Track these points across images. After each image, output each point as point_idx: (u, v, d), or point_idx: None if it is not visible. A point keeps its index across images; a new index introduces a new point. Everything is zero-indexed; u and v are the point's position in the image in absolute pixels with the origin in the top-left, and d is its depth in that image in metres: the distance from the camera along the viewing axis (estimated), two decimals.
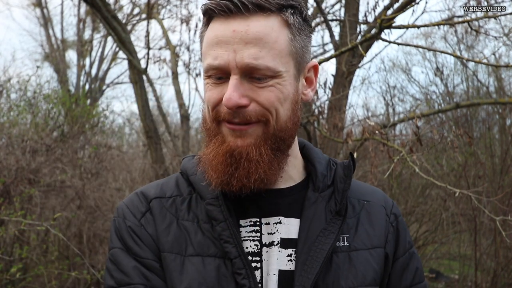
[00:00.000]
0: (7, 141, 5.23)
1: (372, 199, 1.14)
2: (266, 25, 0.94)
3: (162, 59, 8.12)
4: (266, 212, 1.03)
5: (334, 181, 1.09)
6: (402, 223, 1.15)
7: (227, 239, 0.97)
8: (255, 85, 0.95)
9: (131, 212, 1.06)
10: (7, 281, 4.34)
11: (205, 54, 0.98)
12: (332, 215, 1.04)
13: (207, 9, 0.97)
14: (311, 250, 1.00)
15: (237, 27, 0.93)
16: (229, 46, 0.93)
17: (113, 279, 1.01)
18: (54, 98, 6.53)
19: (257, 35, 0.93)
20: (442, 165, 6.87)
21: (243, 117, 0.95)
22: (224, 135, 0.98)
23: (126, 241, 1.04)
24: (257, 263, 1.01)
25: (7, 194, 4.69)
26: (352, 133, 4.00)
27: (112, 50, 14.21)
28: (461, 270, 7.20)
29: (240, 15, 0.93)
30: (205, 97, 1.00)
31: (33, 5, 14.36)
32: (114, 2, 8.76)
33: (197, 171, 1.06)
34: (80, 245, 5.62)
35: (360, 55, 4.73)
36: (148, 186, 1.12)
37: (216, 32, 0.95)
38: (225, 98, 0.93)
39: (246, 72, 0.94)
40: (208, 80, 0.99)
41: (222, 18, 0.95)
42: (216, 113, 0.98)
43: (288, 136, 1.01)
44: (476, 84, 8.06)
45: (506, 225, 4.98)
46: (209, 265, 0.98)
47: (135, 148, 10.68)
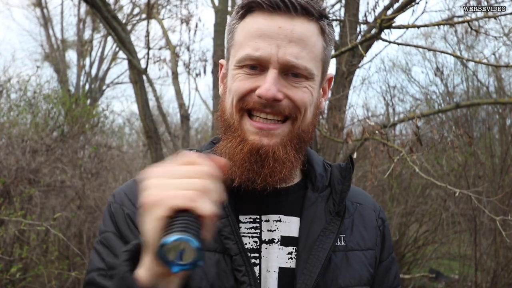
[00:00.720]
0: (7, 141, 5.23)
1: (364, 202, 1.17)
2: (309, 29, 0.98)
3: (162, 59, 8.12)
4: (266, 209, 1.04)
5: (330, 182, 1.10)
6: (388, 228, 1.19)
7: (228, 236, 0.98)
8: (290, 83, 0.97)
9: (129, 199, 1.05)
10: (7, 281, 4.34)
11: (243, 44, 0.98)
12: (332, 215, 1.06)
13: (252, 2, 0.98)
14: (312, 249, 1.01)
15: (283, 24, 0.96)
16: (273, 41, 0.95)
17: (104, 262, 1.00)
18: (54, 98, 6.53)
19: (301, 36, 0.96)
20: (442, 165, 6.87)
21: (276, 110, 0.97)
22: (245, 131, 0.98)
23: (121, 227, 1.02)
24: (255, 260, 1.02)
25: (7, 194, 4.69)
26: (352, 133, 4.01)
27: (112, 50, 14.23)
28: (461, 270, 7.20)
29: (287, 14, 0.96)
30: (234, 87, 1.00)
31: (33, 5, 14.36)
32: (114, 2, 8.76)
33: None
34: (80, 245, 5.62)
35: (360, 55, 4.73)
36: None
37: (260, 25, 0.97)
38: (264, 88, 0.94)
39: (284, 69, 0.96)
40: (240, 71, 0.99)
41: (267, 13, 0.97)
42: (242, 103, 0.98)
43: (308, 139, 1.04)
44: (476, 84, 8.07)
45: (506, 225, 4.97)
46: (209, 260, 0.98)
47: (135, 148, 10.69)
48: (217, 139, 1.15)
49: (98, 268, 1.01)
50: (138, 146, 10.51)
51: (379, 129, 3.86)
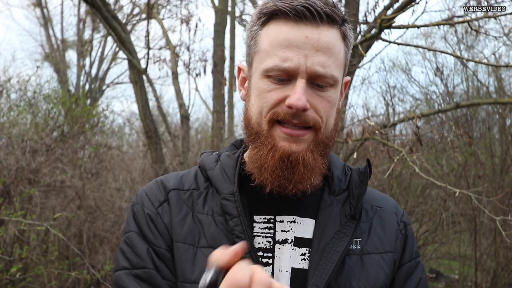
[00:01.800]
0: (7, 141, 5.23)
1: (385, 206, 1.17)
2: (334, 36, 1.00)
3: (162, 59, 8.12)
4: (281, 210, 1.06)
5: (349, 186, 1.11)
6: (411, 232, 1.18)
7: (239, 235, 1.00)
8: (316, 92, 0.99)
9: (150, 200, 1.09)
10: (7, 281, 4.34)
11: (270, 53, 0.99)
12: (347, 218, 1.07)
13: (277, 10, 0.98)
14: (325, 251, 1.02)
15: (309, 34, 0.97)
16: (301, 51, 0.96)
17: (128, 261, 1.04)
18: (54, 98, 6.52)
19: (327, 44, 0.98)
20: (442, 165, 6.87)
21: (303, 120, 0.98)
22: (275, 138, 1.00)
23: (142, 227, 1.06)
24: (269, 259, 1.03)
25: (7, 194, 4.69)
26: (352, 133, 4.01)
27: (112, 50, 14.23)
28: (461, 270, 7.20)
29: (312, 23, 0.97)
30: (261, 96, 1.01)
31: (33, 5, 14.37)
32: (114, 2, 8.76)
33: (215, 167, 1.10)
34: (80, 245, 5.62)
35: (360, 55, 4.73)
36: (168, 176, 1.15)
37: (287, 35, 0.97)
38: (295, 99, 0.96)
39: (312, 78, 0.98)
40: (267, 80, 1.00)
41: (293, 22, 0.97)
42: (273, 114, 0.99)
43: (332, 144, 1.06)
44: (476, 84, 8.06)
45: (506, 225, 4.97)
46: None
47: (135, 148, 10.68)
48: (238, 143, 1.19)
49: (124, 267, 1.05)
50: (138, 146, 10.50)
51: (379, 129, 3.86)
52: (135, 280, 1.01)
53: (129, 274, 1.02)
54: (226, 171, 1.08)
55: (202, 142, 10.64)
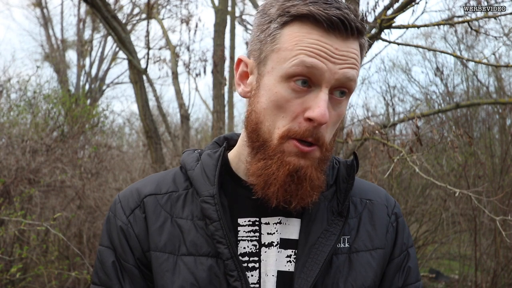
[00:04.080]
0: (7, 141, 5.23)
1: (375, 198, 1.11)
2: (357, 49, 0.95)
3: (162, 59, 8.13)
4: (266, 211, 1.01)
5: (336, 180, 1.07)
6: (402, 224, 1.12)
7: (220, 240, 0.95)
8: (332, 103, 0.94)
9: (122, 208, 1.04)
10: (7, 281, 4.34)
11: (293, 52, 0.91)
12: (334, 216, 1.02)
13: (309, 15, 0.90)
14: (311, 252, 0.98)
15: (339, 46, 0.91)
16: (329, 58, 0.91)
17: (98, 277, 1.03)
18: (54, 98, 6.53)
19: (354, 57, 0.93)
20: (442, 165, 6.87)
21: (316, 137, 0.92)
22: (286, 152, 0.93)
23: (113, 240, 1.03)
24: (255, 263, 0.99)
25: (7, 194, 4.69)
26: (352, 133, 4.00)
27: (112, 50, 14.24)
28: (461, 270, 7.20)
29: (343, 35, 0.92)
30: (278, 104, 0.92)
31: (33, 5, 14.37)
32: (114, 2, 8.76)
33: (196, 166, 1.04)
34: (80, 245, 5.62)
35: None
36: (145, 180, 1.09)
37: (318, 42, 0.90)
38: (319, 112, 0.89)
39: (335, 86, 0.92)
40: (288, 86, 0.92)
41: (323, 29, 0.91)
42: (288, 131, 0.92)
43: (330, 156, 1.00)
44: (476, 84, 8.06)
45: (506, 225, 4.98)
46: (202, 265, 0.96)
47: (135, 148, 10.68)
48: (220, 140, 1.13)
49: (94, 282, 1.04)
50: (138, 146, 10.50)
51: (379, 129, 3.86)
52: None
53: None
54: (206, 172, 1.01)
55: (202, 142, 10.64)
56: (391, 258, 1.08)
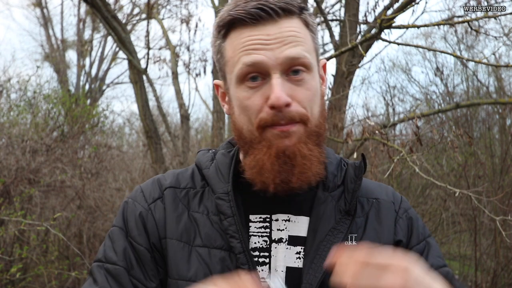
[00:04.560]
0: (7, 141, 5.23)
1: (382, 197, 1.15)
2: (295, 25, 0.99)
3: (162, 59, 8.14)
4: (276, 208, 1.05)
5: (344, 180, 1.10)
6: (414, 214, 1.15)
7: (233, 234, 0.99)
8: (293, 83, 0.98)
9: (144, 196, 1.10)
10: (7, 281, 4.34)
11: (235, 58, 0.99)
12: (341, 214, 1.05)
13: (233, 19, 0.98)
14: (319, 248, 1.01)
15: (270, 31, 0.96)
16: (266, 47, 0.96)
17: (104, 254, 1.06)
18: (54, 98, 6.53)
19: (291, 34, 0.97)
20: (442, 165, 6.87)
21: (288, 117, 0.96)
22: (269, 139, 0.98)
23: (128, 222, 1.07)
24: (265, 259, 1.03)
25: (7, 194, 4.69)
26: (352, 133, 4.00)
27: (112, 50, 14.24)
28: (461, 270, 7.20)
29: (270, 20, 0.97)
30: (243, 106, 1.00)
31: (33, 5, 14.37)
32: (114, 2, 8.76)
33: (211, 166, 1.10)
34: (80, 245, 5.63)
35: (360, 55, 4.73)
36: (166, 174, 1.15)
37: (248, 38, 0.97)
38: (275, 97, 0.94)
39: (285, 68, 0.96)
40: (243, 87, 0.99)
41: (251, 25, 0.97)
42: (260, 121, 0.98)
43: (323, 131, 1.04)
44: (476, 84, 8.06)
45: (506, 225, 4.98)
46: (215, 257, 1.01)
47: (135, 148, 10.68)
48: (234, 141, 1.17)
49: (99, 259, 1.06)
50: (138, 146, 10.50)
51: (379, 129, 3.86)
52: (105, 274, 1.03)
53: (101, 267, 1.04)
54: (221, 170, 1.07)
55: (202, 142, 10.64)
56: (409, 247, 1.10)
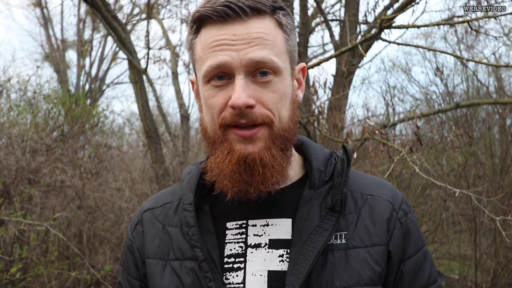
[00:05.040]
0: (7, 141, 5.23)
1: (377, 193, 1.08)
2: (264, 26, 0.96)
3: (162, 59, 8.14)
4: (253, 214, 1.03)
5: (332, 176, 1.05)
6: (413, 220, 1.08)
7: (196, 244, 1.00)
8: (259, 85, 0.96)
9: (130, 226, 1.16)
10: (7, 281, 4.34)
11: (203, 58, 0.97)
12: (325, 211, 1.01)
13: (201, 15, 0.97)
14: (303, 249, 0.97)
15: (237, 31, 0.94)
16: (232, 47, 0.94)
17: None
18: (54, 98, 6.52)
19: (258, 35, 0.95)
20: (442, 165, 6.87)
21: (250, 118, 0.94)
22: (231, 142, 0.97)
23: (124, 258, 1.15)
24: (240, 264, 1.02)
25: (7, 194, 4.69)
26: (352, 133, 4.00)
27: (112, 50, 14.23)
28: (461, 270, 7.20)
29: (238, 19, 0.95)
30: (208, 104, 0.99)
31: (33, 5, 14.37)
32: (114, 2, 8.76)
33: (186, 178, 1.11)
34: (80, 245, 5.63)
35: (360, 55, 4.73)
36: (151, 197, 1.21)
37: (215, 37, 0.95)
38: (235, 97, 0.92)
39: (250, 70, 0.94)
40: (209, 85, 0.98)
41: (219, 23, 0.95)
42: (221, 119, 0.97)
43: (292, 135, 1.01)
44: (476, 84, 8.06)
45: (506, 225, 4.98)
46: (185, 268, 1.02)
47: (135, 148, 10.67)
48: None
49: None
50: (138, 146, 10.49)
51: (379, 129, 3.86)
52: None
53: None
54: (190, 181, 1.08)
55: (202, 142, 10.62)
56: (406, 257, 1.05)
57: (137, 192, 6.55)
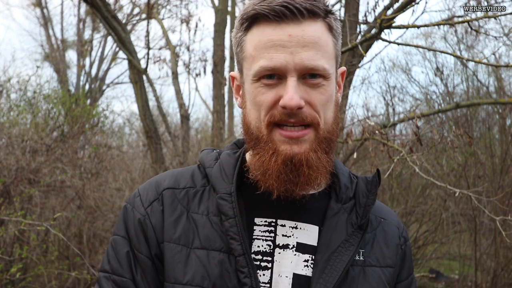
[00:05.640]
0: (7, 141, 5.23)
1: (389, 218, 1.16)
2: (318, 30, 0.98)
3: (162, 59, 8.13)
4: (283, 214, 1.04)
5: (355, 194, 1.09)
6: (409, 248, 1.18)
7: (234, 236, 0.98)
8: (309, 86, 0.97)
9: (141, 200, 1.08)
10: (7, 281, 4.34)
11: (256, 57, 0.98)
12: (353, 228, 1.04)
13: (256, 13, 0.97)
14: (330, 259, 1.00)
15: (292, 32, 0.95)
16: (286, 49, 0.95)
17: (110, 265, 1.05)
18: (54, 98, 6.52)
19: (313, 39, 0.96)
20: (442, 165, 6.87)
21: (300, 118, 0.96)
22: (276, 143, 0.98)
23: (129, 230, 1.06)
24: (268, 263, 1.01)
25: (7, 194, 4.69)
26: (352, 133, 4.00)
27: (112, 50, 14.24)
28: (461, 270, 7.20)
29: (294, 20, 0.96)
30: (256, 101, 0.99)
31: (33, 5, 14.37)
32: (114, 2, 8.76)
33: (214, 165, 1.09)
34: (80, 245, 5.62)
35: (360, 55, 4.73)
36: (164, 175, 1.14)
37: (270, 37, 0.96)
38: (288, 98, 0.94)
39: (302, 73, 0.96)
40: (258, 83, 0.98)
41: (274, 23, 0.96)
42: (270, 117, 0.97)
43: (335, 138, 1.04)
44: (476, 84, 8.06)
45: (506, 225, 4.98)
46: (213, 259, 0.99)
47: (135, 148, 10.67)
48: (240, 142, 1.16)
49: (106, 270, 1.05)
50: (138, 146, 10.49)
51: (379, 129, 3.86)
52: (112, 285, 1.02)
53: (108, 279, 1.03)
54: (225, 170, 1.06)
55: (202, 142, 10.64)
56: (399, 280, 1.13)
57: None
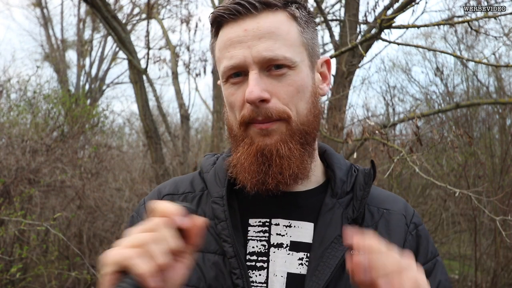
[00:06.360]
0: (7, 141, 5.23)
1: (392, 208, 1.12)
2: (276, 20, 0.97)
3: (162, 59, 8.13)
4: (277, 213, 1.04)
5: (354, 187, 1.08)
6: (424, 232, 1.13)
7: (226, 238, 0.99)
8: (274, 78, 0.96)
9: (145, 208, 1.11)
10: (7, 281, 4.34)
11: (220, 59, 0.99)
12: (348, 222, 1.03)
13: (215, 16, 0.99)
14: (324, 255, 0.99)
15: (247, 26, 0.96)
16: (244, 44, 0.95)
17: None
18: (54, 98, 6.52)
19: (269, 29, 0.96)
20: (442, 165, 6.87)
21: (265, 114, 0.95)
22: (252, 136, 0.98)
23: None
24: (263, 263, 1.02)
25: (7, 194, 4.69)
26: (352, 133, 4.00)
27: (112, 50, 14.23)
28: (461, 270, 7.20)
29: (250, 15, 0.96)
30: (229, 103, 1.00)
31: (33, 5, 14.36)
32: (114, 2, 8.76)
33: (210, 169, 1.10)
34: (80, 245, 5.62)
35: (360, 55, 4.73)
36: (166, 182, 1.17)
37: (228, 35, 0.97)
38: (247, 92, 0.93)
39: (264, 65, 0.95)
40: (228, 85, 1.00)
41: (232, 21, 0.97)
42: (242, 117, 0.98)
43: (312, 129, 1.01)
44: (476, 84, 8.06)
45: (506, 225, 4.98)
46: (208, 261, 1.00)
47: (135, 148, 10.67)
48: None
49: None
50: (138, 146, 10.49)
51: (379, 129, 3.86)
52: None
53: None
54: (219, 174, 1.08)
55: (202, 142, 10.64)
56: None
57: (137, 192, 6.55)
